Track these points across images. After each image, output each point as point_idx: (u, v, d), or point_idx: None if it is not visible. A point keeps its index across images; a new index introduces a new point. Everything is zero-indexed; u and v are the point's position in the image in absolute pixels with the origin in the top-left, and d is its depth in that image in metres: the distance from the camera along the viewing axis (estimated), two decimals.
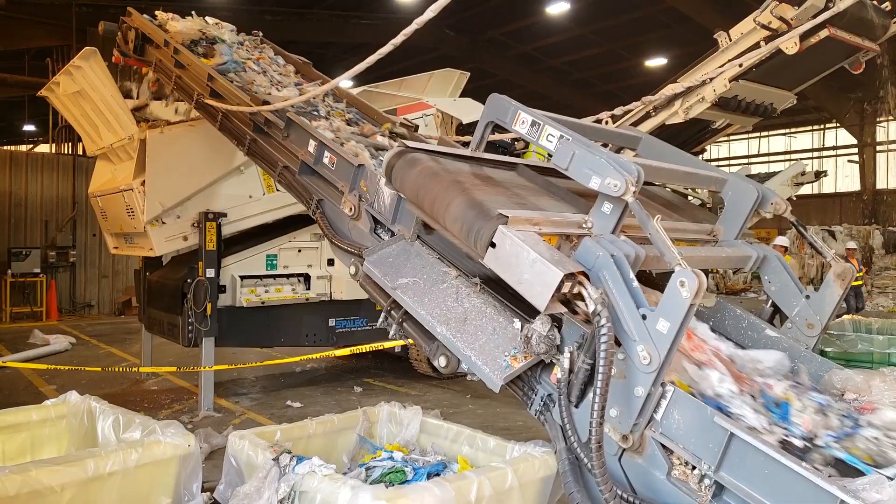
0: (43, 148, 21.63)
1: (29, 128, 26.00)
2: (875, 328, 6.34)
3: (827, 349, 5.05)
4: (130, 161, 7.27)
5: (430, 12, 2.95)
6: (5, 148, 20.02)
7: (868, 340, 5.61)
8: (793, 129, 32.43)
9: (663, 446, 2.31)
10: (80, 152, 16.51)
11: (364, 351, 7.70)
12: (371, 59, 3.44)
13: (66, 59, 15.19)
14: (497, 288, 3.03)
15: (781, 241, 11.35)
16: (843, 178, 30.86)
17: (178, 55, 6.20)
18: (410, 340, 3.13)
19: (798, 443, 2.36)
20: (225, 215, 7.23)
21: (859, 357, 5.18)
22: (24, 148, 24.57)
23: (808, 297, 3.12)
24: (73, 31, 16.48)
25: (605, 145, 3.46)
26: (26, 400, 6.31)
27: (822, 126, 31.78)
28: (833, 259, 3.15)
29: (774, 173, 17.79)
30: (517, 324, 2.68)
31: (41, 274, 15.33)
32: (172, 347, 8.20)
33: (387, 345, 7.28)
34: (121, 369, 7.62)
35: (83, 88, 7.37)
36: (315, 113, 5.25)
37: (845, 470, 2.29)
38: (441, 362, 2.90)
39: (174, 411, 7.12)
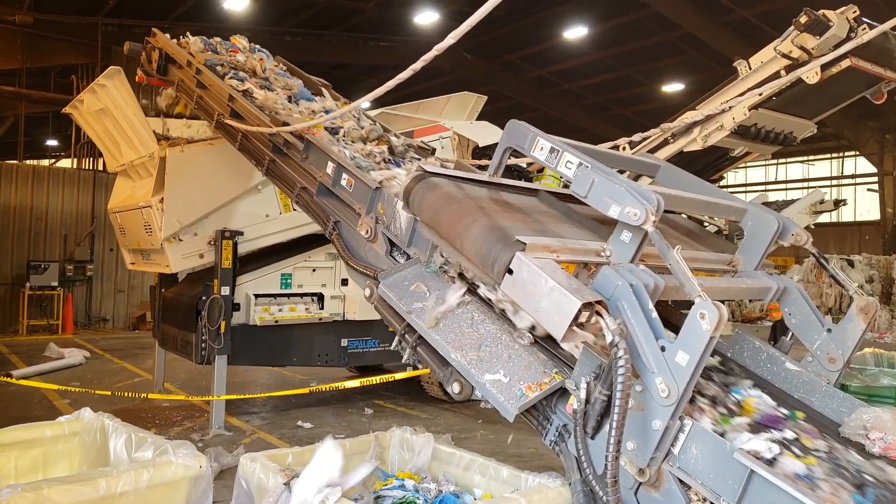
0: (65, 163, 21.95)
1: (52, 143, 26.48)
2: None
3: (849, 383, 4.94)
4: (150, 178, 7.36)
5: (451, 39, 2.96)
6: (28, 162, 20.32)
7: (891, 375, 5.48)
8: (811, 157, 32.19)
9: (681, 481, 2.26)
10: (101, 168, 16.75)
11: (377, 382, 7.62)
12: (391, 84, 3.46)
13: (90, 76, 15.46)
14: None
15: None
16: (863, 206, 30.54)
17: (200, 75, 6.30)
18: (427, 371, 3.11)
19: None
20: (241, 233, 7.28)
21: (882, 392, 5.06)
22: (46, 162, 24.96)
23: (829, 330, 3.06)
24: (98, 49, 16.86)
25: (621, 171, 3.44)
26: (39, 414, 6.32)
27: (840, 154, 31.53)
28: (855, 292, 3.09)
29: (792, 201, 17.58)
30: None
31: (58, 287, 15.50)
32: (185, 364, 8.22)
33: (398, 376, 7.23)
34: (130, 394, 7.65)
35: (106, 106, 7.50)
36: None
37: None
38: (455, 388, 2.87)
39: (185, 429, 7.11)
